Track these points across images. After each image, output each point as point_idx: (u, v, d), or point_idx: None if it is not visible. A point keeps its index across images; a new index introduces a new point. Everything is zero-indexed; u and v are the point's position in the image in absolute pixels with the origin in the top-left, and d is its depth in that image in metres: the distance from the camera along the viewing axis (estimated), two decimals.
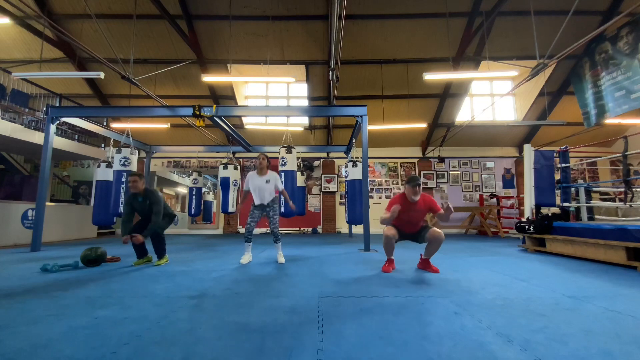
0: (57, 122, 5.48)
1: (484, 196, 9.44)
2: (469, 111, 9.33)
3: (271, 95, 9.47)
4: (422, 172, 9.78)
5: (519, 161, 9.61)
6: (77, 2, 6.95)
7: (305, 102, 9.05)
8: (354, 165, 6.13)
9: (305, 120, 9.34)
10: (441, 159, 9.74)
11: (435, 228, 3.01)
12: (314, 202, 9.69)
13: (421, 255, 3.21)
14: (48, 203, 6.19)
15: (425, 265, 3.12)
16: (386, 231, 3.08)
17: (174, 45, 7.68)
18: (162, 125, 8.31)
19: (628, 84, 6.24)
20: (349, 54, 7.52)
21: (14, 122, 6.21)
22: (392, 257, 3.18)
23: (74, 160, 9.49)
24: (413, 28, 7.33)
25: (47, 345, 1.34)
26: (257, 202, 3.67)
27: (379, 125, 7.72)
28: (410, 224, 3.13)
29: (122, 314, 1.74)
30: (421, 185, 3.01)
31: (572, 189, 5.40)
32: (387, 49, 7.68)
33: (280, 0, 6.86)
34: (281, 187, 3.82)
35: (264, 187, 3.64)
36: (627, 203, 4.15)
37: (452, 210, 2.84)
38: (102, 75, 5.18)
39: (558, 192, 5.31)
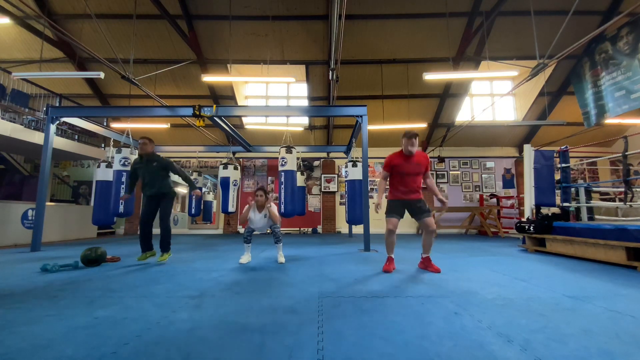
0: (57, 122, 5.48)
1: (484, 196, 9.44)
2: (469, 111, 9.33)
3: (271, 95, 9.47)
4: None
5: (519, 161, 9.60)
6: (77, 2, 6.95)
7: (305, 102, 9.05)
8: (354, 165, 6.13)
9: (305, 120, 9.34)
10: (441, 159, 9.74)
11: (431, 218, 3.09)
12: (314, 202, 9.69)
13: (422, 254, 3.21)
14: (48, 203, 6.19)
15: (426, 264, 3.13)
16: (388, 225, 3.11)
17: (174, 45, 7.68)
18: (162, 125, 8.32)
19: (628, 84, 6.24)
20: (349, 54, 7.52)
21: (14, 122, 6.21)
22: (392, 256, 3.19)
23: (74, 160, 9.49)
24: (413, 28, 7.33)
25: (47, 345, 1.34)
26: (256, 230, 3.79)
27: (379, 125, 7.72)
28: (409, 181, 3.12)
29: (122, 314, 1.74)
30: (417, 138, 3.12)
31: (572, 189, 5.40)
32: (387, 49, 7.68)
33: (280, 0, 6.86)
34: (276, 217, 3.71)
35: (263, 221, 3.74)
36: (627, 203, 4.15)
37: (445, 207, 3.17)
38: (102, 75, 5.18)
39: (558, 192, 5.31)
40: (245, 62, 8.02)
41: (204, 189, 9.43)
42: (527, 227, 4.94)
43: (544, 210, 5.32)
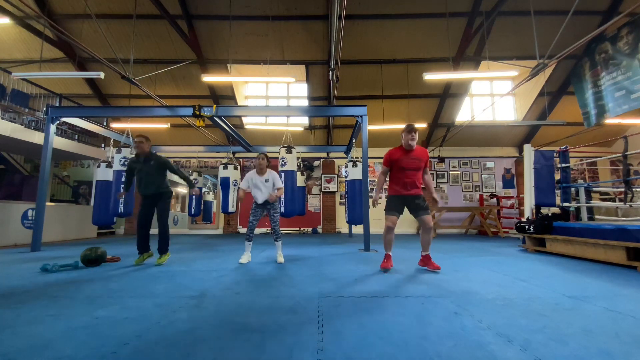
0: (57, 122, 5.48)
1: (484, 196, 9.44)
2: (469, 111, 9.33)
3: (271, 95, 9.47)
4: None
5: (519, 161, 9.60)
6: (77, 2, 6.95)
7: (305, 102, 9.05)
8: (354, 165, 6.14)
9: (305, 120, 9.34)
10: (441, 159, 9.74)
11: (429, 216, 3.10)
12: (314, 202, 9.68)
13: (421, 252, 3.21)
14: (48, 203, 6.18)
15: (426, 261, 3.13)
16: (387, 222, 3.13)
17: (174, 45, 7.68)
18: (162, 125, 8.31)
19: (628, 84, 6.24)
20: (349, 54, 7.52)
21: (14, 122, 6.21)
22: (390, 253, 3.20)
23: (74, 160, 9.49)
24: (413, 28, 7.33)
25: (47, 345, 1.34)
26: (258, 201, 3.71)
27: (379, 125, 7.72)
28: (408, 175, 3.11)
29: (122, 314, 1.74)
30: (417, 132, 3.12)
31: (572, 189, 5.40)
32: (387, 49, 7.68)
33: (280, 0, 6.86)
34: (279, 185, 3.75)
35: (264, 186, 3.66)
36: (627, 203, 4.15)
37: (438, 202, 3.27)
38: (102, 75, 5.18)
39: (558, 192, 5.31)
40: (245, 62, 8.02)
41: (203, 189, 9.43)
42: (527, 227, 4.94)
43: (544, 210, 5.33)
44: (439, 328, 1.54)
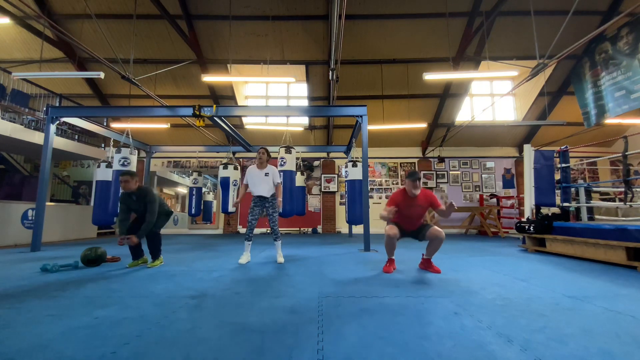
0: (57, 122, 5.48)
1: (484, 196, 9.44)
2: (469, 111, 9.33)
3: (271, 95, 9.47)
4: (422, 172, 9.77)
5: (519, 161, 9.61)
6: (77, 2, 6.95)
7: (305, 102, 9.05)
8: (354, 165, 6.13)
9: (305, 120, 9.34)
10: (441, 159, 9.74)
11: (435, 227, 3.03)
12: (314, 202, 9.68)
13: (423, 255, 3.21)
14: (48, 203, 6.18)
15: (427, 265, 3.12)
16: (388, 230, 3.09)
17: (174, 45, 7.68)
18: (162, 125, 8.31)
19: (628, 84, 6.24)
20: (349, 54, 7.52)
21: (14, 122, 6.21)
22: (393, 257, 3.19)
23: (74, 160, 9.49)
24: (413, 28, 7.33)
25: (47, 345, 1.34)
26: (255, 193, 3.72)
27: (379, 125, 7.72)
28: (410, 220, 3.13)
29: (122, 314, 1.74)
30: (421, 180, 3.05)
31: (572, 189, 5.40)
32: (387, 49, 7.68)
33: (280, 0, 6.86)
34: (278, 180, 3.81)
35: (263, 179, 3.69)
36: (627, 203, 4.15)
37: (455, 207, 2.85)
38: (102, 75, 5.18)
39: (558, 192, 5.31)
40: (245, 62, 8.02)
41: (203, 189, 9.42)
42: (527, 227, 4.93)
43: (544, 210, 5.32)
44: (439, 328, 1.54)
